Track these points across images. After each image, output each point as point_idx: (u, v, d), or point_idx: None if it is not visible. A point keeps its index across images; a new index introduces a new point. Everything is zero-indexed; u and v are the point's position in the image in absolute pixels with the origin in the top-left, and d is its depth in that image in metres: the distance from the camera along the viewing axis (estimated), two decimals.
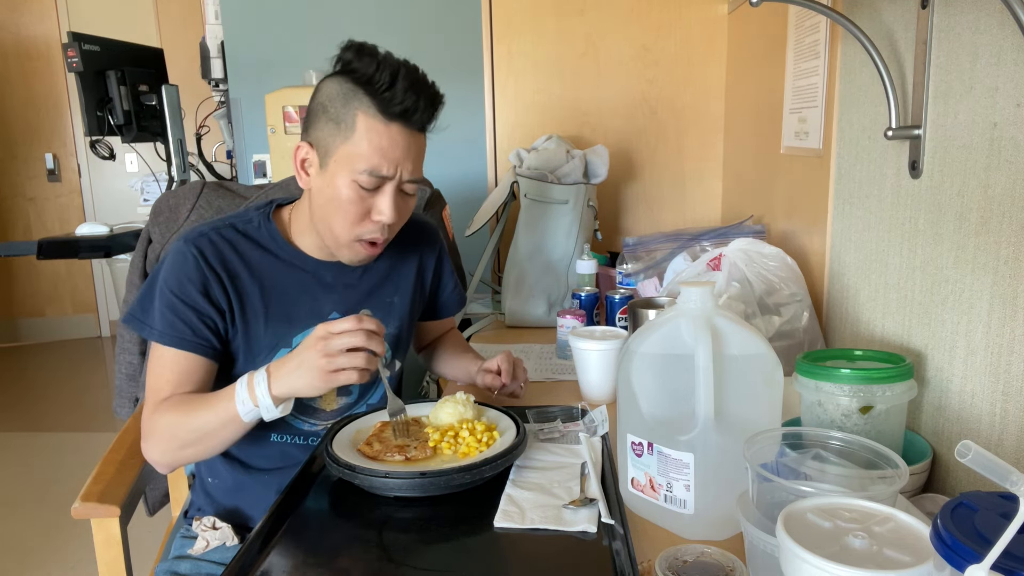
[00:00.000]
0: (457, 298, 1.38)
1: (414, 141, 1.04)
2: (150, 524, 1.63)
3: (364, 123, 1.01)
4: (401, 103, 1.00)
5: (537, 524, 0.82)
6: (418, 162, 1.07)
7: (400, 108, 1.00)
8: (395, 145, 1.02)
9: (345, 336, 0.94)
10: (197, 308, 1.06)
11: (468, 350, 1.37)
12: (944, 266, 0.95)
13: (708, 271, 1.35)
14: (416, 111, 1.02)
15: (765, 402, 0.81)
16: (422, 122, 1.04)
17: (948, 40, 0.94)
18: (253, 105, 2.37)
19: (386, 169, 1.02)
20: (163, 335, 1.05)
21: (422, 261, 1.28)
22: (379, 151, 1.01)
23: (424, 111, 1.03)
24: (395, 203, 1.05)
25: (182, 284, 1.06)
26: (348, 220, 1.05)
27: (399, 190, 1.06)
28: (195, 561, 1.14)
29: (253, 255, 1.12)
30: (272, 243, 1.14)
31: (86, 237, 2.75)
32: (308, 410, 1.15)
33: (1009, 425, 0.83)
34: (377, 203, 1.05)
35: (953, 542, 0.48)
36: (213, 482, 1.19)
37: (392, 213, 1.05)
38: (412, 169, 1.05)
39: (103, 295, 5.03)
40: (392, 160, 1.02)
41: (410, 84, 1.01)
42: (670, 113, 2.13)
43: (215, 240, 1.10)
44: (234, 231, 1.13)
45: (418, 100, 1.01)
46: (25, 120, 4.74)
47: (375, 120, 1.01)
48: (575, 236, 1.79)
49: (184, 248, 1.08)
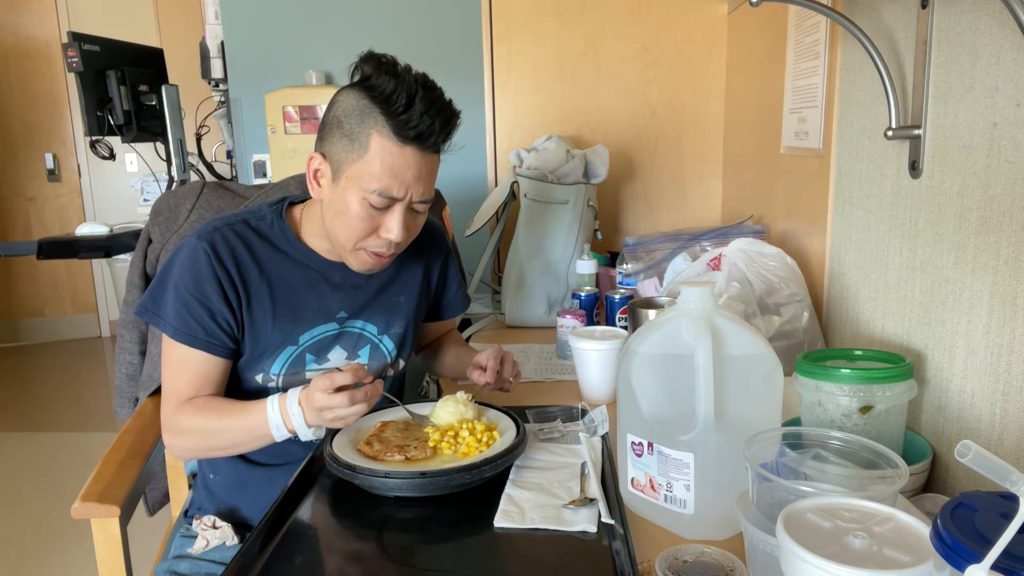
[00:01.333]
0: (461, 299, 1.38)
1: (427, 163, 1.04)
2: (150, 524, 1.63)
3: (378, 143, 1.00)
4: (416, 127, 0.99)
5: (537, 524, 0.82)
6: (430, 182, 1.06)
7: (415, 132, 1.00)
8: (408, 167, 1.01)
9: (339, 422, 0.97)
10: (211, 307, 1.07)
11: (466, 348, 1.38)
12: (944, 266, 0.95)
13: (708, 271, 1.35)
14: (432, 135, 1.01)
15: (765, 402, 0.81)
16: (437, 145, 1.04)
17: (948, 40, 0.94)
18: (253, 105, 2.37)
19: (397, 190, 1.02)
20: (177, 331, 1.06)
21: (429, 263, 1.28)
22: (391, 173, 1.01)
23: (440, 134, 1.02)
24: (404, 222, 1.05)
25: (198, 283, 1.07)
26: (356, 235, 1.05)
27: (409, 209, 1.06)
28: (195, 560, 1.14)
29: (265, 252, 1.12)
30: (284, 241, 1.14)
31: (86, 237, 2.75)
32: None
33: (1009, 425, 0.83)
34: (386, 221, 1.05)
35: (953, 542, 0.48)
36: (215, 478, 1.20)
37: (400, 232, 1.05)
38: (424, 191, 1.05)
39: (103, 295, 5.03)
40: (403, 182, 1.02)
41: (427, 107, 1.00)
42: (670, 113, 2.13)
43: (228, 236, 1.10)
44: (247, 227, 1.13)
45: (434, 123, 1.00)
46: (25, 120, 4.74)
47: (389, 141, 1.00)
48: (575, 236, 1.79)
49: (197, 245, 1.08)
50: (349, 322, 1.17)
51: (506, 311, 1.79)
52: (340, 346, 1.16)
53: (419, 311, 1.28)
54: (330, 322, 1.15)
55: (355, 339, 1.17)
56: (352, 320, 1.17)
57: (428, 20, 2.30)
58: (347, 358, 1.17)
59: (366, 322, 1.18)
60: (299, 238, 1.15)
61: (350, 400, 0.94)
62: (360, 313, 1.18)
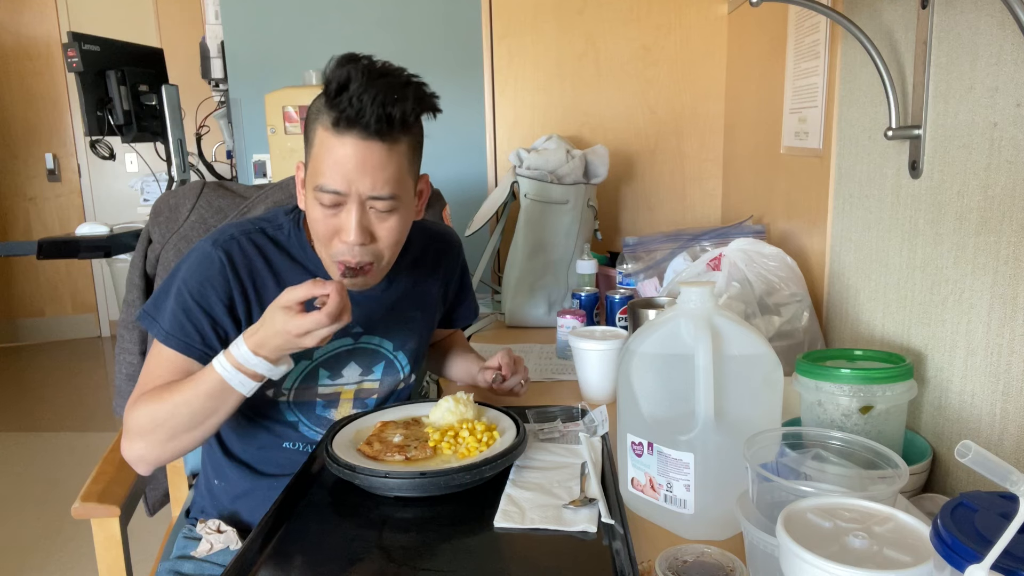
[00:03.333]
0: (472, 310, 1.38)
1: (374, 153, 0.94)
2: (150, 524, 1.63)
3: (320, 136, 0.95)
4: (346, 110, 0.91)
5: (537, 524, 0.82)
6: (381, 176, 0.95)
7: (347, 116, 0.91)
8: (348, 159, 0.93)
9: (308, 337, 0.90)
10: (213, 316, 1.01)
11: (470, 352, 1.38)
12: (944, 266, 0.95)
13: (708, 271, 1.35)
14: (365, 117, 0.91)
15: (765, 402, 0.81)
16: (380, 130, 0.93)
17: (948, 40, 0.94)
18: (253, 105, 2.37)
19: (339, 184, 0.94)
20: (169, 337, 1.01)
21: (446, 276, 1.27)
22: (331, 165, 0.94)
23: (382, 119, 0.92)
24: (360, 222, 0.96)
25: (203, 288, 1.01)
26: (321, 240, 1.01)
27: (366, 208, 0.97)
28: (198, 562, 1.13)
29: (281, 264, 1.08)
30: (300, 252, 1.09)
31: (86, 237, 2.75)
32: (323, 422, 1.15)
33: (1009, 425, 0.83)
34: (342, 222, 0.97)
35: (953, 542, 0.48)
36: (219, 484, 1.18)
37: (357, 234, 0.96)
38: (373, 185, 0.95)
39: (103, 295, 5.03)
40: (344, 175, 0.94)
41: (364, 89, 0.90)
42: (670, 113, 2.13)
43: (244, 245, 1.06)
44: (264, 236, 1.08)
45: (371, 106, 0.90)
46: (25, 120, 4.74)
47: (327, 132, 0.94)
48: (575, 236, 1.79)
49: (212, 252, 1.03)
50: (365, 337, 1.15)
51: (506, 311, 1.79)
52: (355, 362, 1.14)
53: (433, 324, 1.28)
54: (345, 337, 1.12)
55: (370, 355, 1.16)
56: (368, 336, 1.15)
57: (428, 20, 2.31)
58: (361, 374, 1.15)
59: (383, 338, 1.16)
60: (315, 249, 1.09)
61: (328, 318, 0.88)
62: (375, 328, 1.15)
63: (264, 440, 1.14)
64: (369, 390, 1.17)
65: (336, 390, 1.15)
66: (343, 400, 1.16)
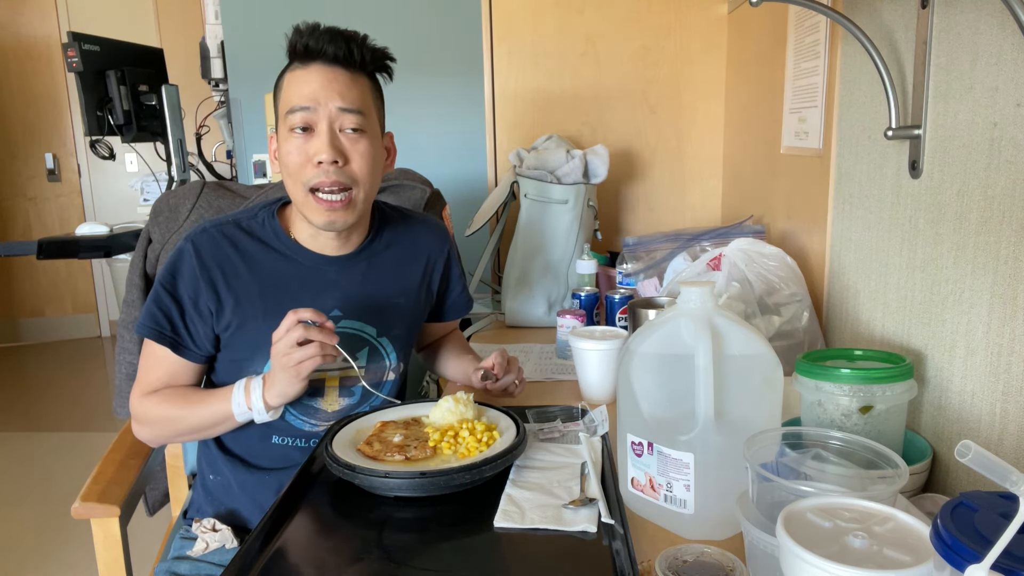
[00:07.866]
0: (464, 302, 1.38)
1: (339, 76, 1.05)
2: (150, 524, 1.63)
3: (287, 80, 1.07)
4: (310, 44, 1.03)
5: (537, 524, 0.82)
6: (348, 94, 1.05)
7: (312, 48, 1.03)
8: (313, 80, 1.04)
9: (282, 343, 0.99)
10: (182, 306, 1.09)
11: (468, 351, 1.37)
12: (944, 266, 0.95)
13: (708, 271, 1.35)
14: (326, 43, 1.03)
15: (765, 402, 0.81)
16: (341, 58, 1.05)
17: (948, 40, 0.94)
18: (253, 105, 2.37)
19: (306, 100, 1.03)
20: (141, 325, 1.09)
21: (430, 262, 1.27)
22: (298, 91, 1.04)
23: (341, 45, 1.04)
24: (331, 141, 1.04)
25: (174, 280, 1.09)
26: (295, 171, 1.06)
27: (335, 130, 1.05)
28: (194, 562, 1.13)
29: (255, 251, 1.13)
30: (275, 239, 1.14)
31: (86, 237, 2.75)
32: (310, 411, 1.15)
33: (1009, 425, 0.83)
34: (315, 146, 1.05)
35: (953, 542, 0.48)
36: (214, 479, 1.19)
37: (328, 151, 1.03)
38: (341, 98, 1.05)
39: (103, 295, 5.03)
40: (312, 95, 1.04)
41: (322, 30, 1.04)
42: (670, 113, 2.13)
43: (215, 237, 1.11)
44: (236, 227, 1.14)
45: (333, 40, 1.04)
46: (25, 120, 4.74)
47: (293, 70, 1.07)
48: (575, 236, 1.79)
49: (183, 245, 1.11)
50: (345, 322, 1.16)
51: (506, 311, 1.79)
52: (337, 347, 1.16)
53: (420, 313, 1.28)
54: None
55: (352, 340, 1.17)
56: (348, 320, 1.16)
57: (428, 20, 2.30)
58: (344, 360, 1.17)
59: (364, 323, 1.17)
60: (290, 235, 1.15)
61: (291, 322, 0.99)
62: (356, 313, 1.16)
63: (254, 434, 1.15)
64: (354, 377, 1.17)
65: (320, 376, 1.15)
66: (328, 388, 1.17)
